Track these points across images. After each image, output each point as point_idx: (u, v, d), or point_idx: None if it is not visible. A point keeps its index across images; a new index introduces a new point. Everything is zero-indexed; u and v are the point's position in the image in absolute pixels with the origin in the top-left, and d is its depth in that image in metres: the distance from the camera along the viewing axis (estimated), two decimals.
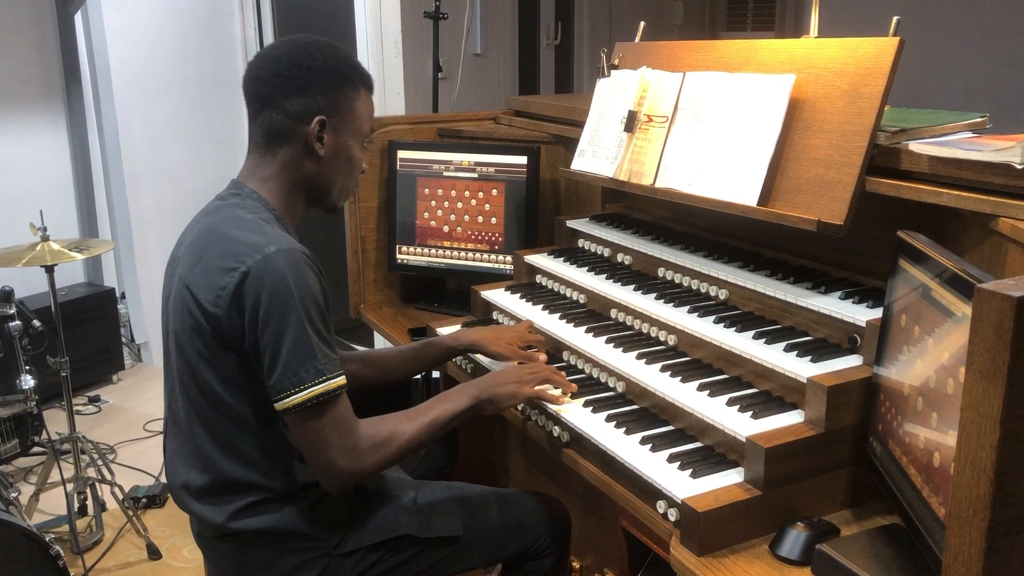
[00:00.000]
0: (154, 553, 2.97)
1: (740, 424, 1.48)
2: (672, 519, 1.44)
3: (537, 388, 1.75)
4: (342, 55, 1.64)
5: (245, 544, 1.62)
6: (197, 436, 1.60)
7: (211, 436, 1.58)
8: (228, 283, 1.48)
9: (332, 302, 1.57)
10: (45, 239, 2.88)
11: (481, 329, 2.03)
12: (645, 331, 1.89)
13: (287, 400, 1.47)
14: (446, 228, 2.62)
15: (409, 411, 1.65)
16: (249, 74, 1.62)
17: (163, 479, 3.44)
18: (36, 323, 3.05)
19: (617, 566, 2.10)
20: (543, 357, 1.92)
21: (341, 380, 1.51)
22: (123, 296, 4.70)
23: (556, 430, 1.74)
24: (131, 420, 4.08)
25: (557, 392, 1.77)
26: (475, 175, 2.57)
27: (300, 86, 1.58)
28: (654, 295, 1.91)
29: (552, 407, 1.75)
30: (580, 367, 1.92)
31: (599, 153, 2.13)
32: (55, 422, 3.70)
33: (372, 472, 1.56)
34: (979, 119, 1.66)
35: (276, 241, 1.50)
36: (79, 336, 4.11)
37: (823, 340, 1.62)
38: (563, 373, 1.83)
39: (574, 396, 1.78)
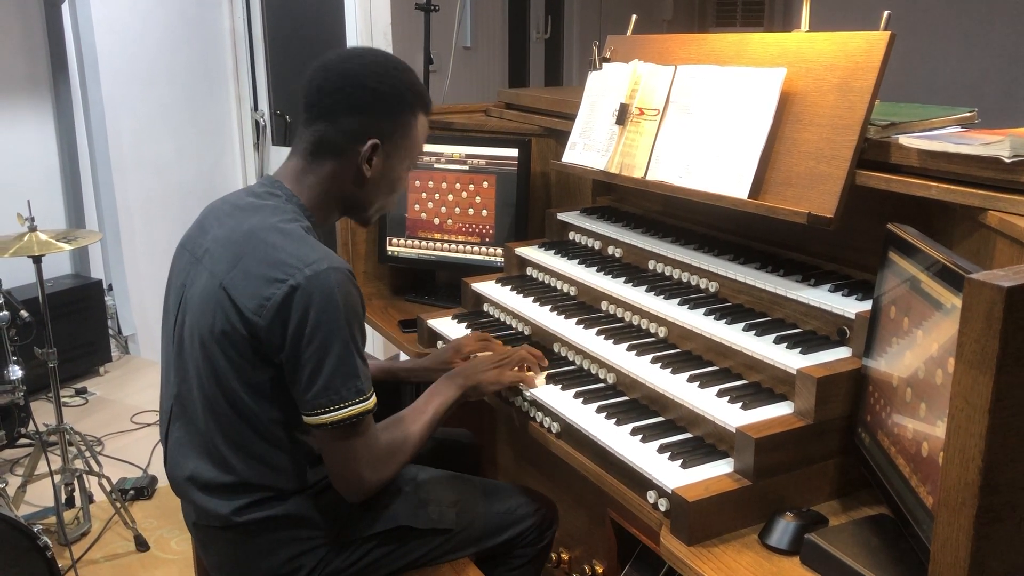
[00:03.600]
0: (142, 545, 2.97)
1: (730, 415, 1.49)
2: (662, 509, 1.45)
3: (517, 372, 1.82)
4: (408, 79, 1.64)
5: (246, 534, 1.62)
6: (211, 433, 1.58)
7: (226, 437, 1.57)
8: (274, 294, 1.46)
9: None
10: (32, 229, 2.86)
11: (424, 360, 2.05)
12: (636, 323, 1.90)
13: (325, 416, 1.49)
14: (437, 220, 2.62)
15: (411, 411, 1.70)
16: (312, 82, 1.60)
17: (151, 471, 3.44)
18: (24, 313, 3.03)
19: (606, 557, 2.11)
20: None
21: (375, 398, 1.54)
22: (110, 288, 4.67)
23: (547, 421, 1.75)
24: (118, 412, 4.06)
25: (536, 376, 1.84)
26: (466, 167, 2.57)
27: (360, 107, 1.58)
28: (644, 287, 1.92)
29: (541, 397, 1.76)
30: (571, 359, 1.92)
31: (590, 146, 2.13)
32: (42, 414, 3.68)
33: (392, 478, 1.63)
34: (968, 114, 1.67)
35: (325, 257, 1.49)
36: (66, 328, 4.09)
37: (812, 332, 1.63)
38: (537, 351, 1.89)
39: (565, 387, 1.79)
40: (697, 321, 1.73)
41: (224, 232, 1.58)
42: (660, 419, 1.65)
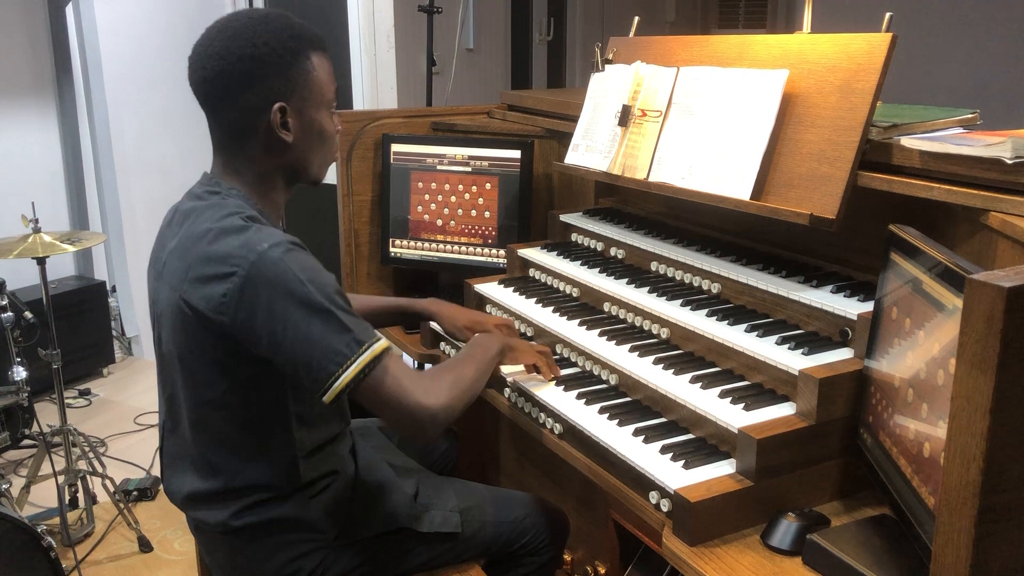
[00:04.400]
0: (145, 546, 2.98)
1: (732, 416, 1.50)
2: (664, 510, 1.46)
3: (542, 358, 1.84)
4: (282, 27, 1.54)
5: (245, 539, 1.62)
6: (199, 445, 1.59)
7: (219, 443, 1.57)
8: (229, 289, 1.43)
9: None
10: (37, 231, 2.88)
11: (447, 305, 2.08)
12: (638, 324, 1.90)
13: (339, 381, 1.42)
14: (439, 222, 2.63)
15: (457, 358, 1.70)
16: (194, 75, 1.54)
17: (154, 472, 3.44)
18: (28, 315, 3.05)
19: (608, 559, 2.11)
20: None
21: (383, 343, 1.47)
22: (114, 289, 4.69)
23: (549, 422, 1.75)
24: (122, 413, 4.08)
25: (547, 377, 1.84)
26: (469, 169, 2.57)
27: (250, 78, 1.51)
28: (647, 289, 1.92)
29: (544, 398, 1.77)
30: (573, 360, 1.93)
31: (593, 147, 2.14)
32: (46, 415, 3.70)
33: (457, 409, 1.54)
34: (970, 115, 1.67)
35: (265, 237, 1.45)
36: (69, 329, 4.11)
37: (815, 333, 1.63)
38: (555, 365, 1.89)
39: (567, 388, 1.79)
40: (699, 322, 1.73)
41: (176, 243, 1.56)
42: (662, 420, 1.66)
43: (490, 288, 2.25)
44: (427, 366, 2.77)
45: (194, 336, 1.50)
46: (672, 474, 1.46)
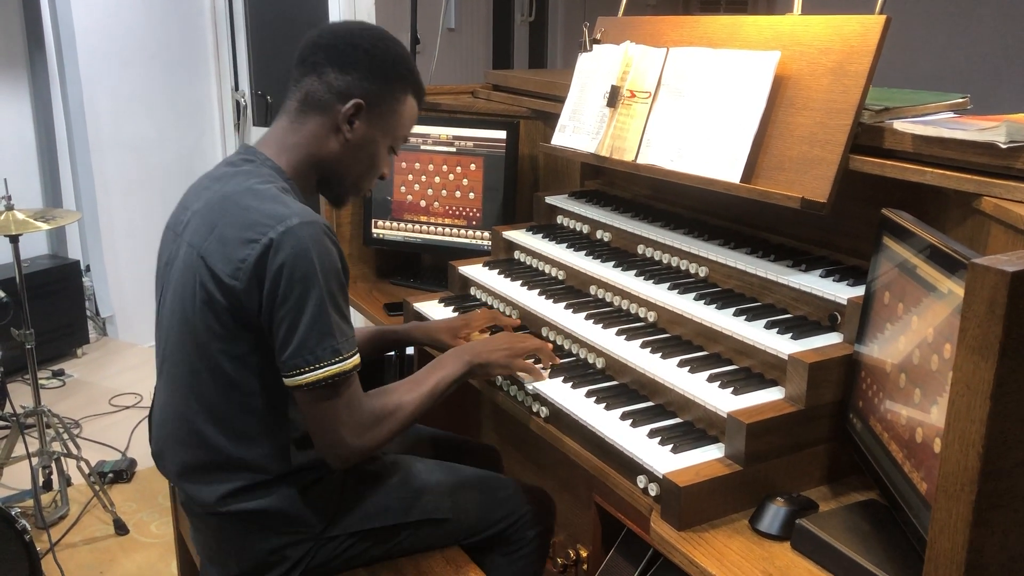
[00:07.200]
0: (121, 528, 2.94)
1: (721, 400, 1.49)
2: (652, 494, 1.44)
3: (528, 362, 1.76)
4: (403, 54, 1.64)
5: (232, 523, 1.59)
6: (194, 412, 1.55)
7: (211, 413, 1.54)
8: (248, 255, 1.43)
9: None
10: (9, 208, 2.82)
11: (429, 323, 2.02)
12: (625, 308, 1.88)
13: (301, 377, 1.44)
14: (423, 203, 2.60)
15: (408, 381, 1.65)
16: (306, 39, 1.61)
17: (130, 454, 3.40)
18: (0, 294, 2.99)
19: (591, 542, 2.11)
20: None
21: (356, 359, 1.49)
22: (88, 269, 4.61)
23: (536, 406, 1.74)
24: (96, 395, 4.02)
25: (543, 371, 1.78)
26: (453, 149, 2.54)
27: (349, 64, 1.57)
28: (634, 272, 1.91)
29: (530, 382, 1.75)
30: (560, 343, 1.91)
31: (580, 128, 2.11)
32: (19, 396, 3.63)
33: (378, 446, 1.56)
34: (961, 100, 1.67)
35: (298, 213, 1.45)
36: (43, 309, 4.03)
37: (803, 318, 1.62)
38: (550, 345, 1.84)
39: (553, 372, 1.77)
40: (687, 306, 1.72)
41: (201, 204, 1.56)
42: (650, 404, 1.64)
43: (475, 270, 2.23)
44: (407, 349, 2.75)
45: (203, 296, 1.48)
46: (660, 458, 1.45)
